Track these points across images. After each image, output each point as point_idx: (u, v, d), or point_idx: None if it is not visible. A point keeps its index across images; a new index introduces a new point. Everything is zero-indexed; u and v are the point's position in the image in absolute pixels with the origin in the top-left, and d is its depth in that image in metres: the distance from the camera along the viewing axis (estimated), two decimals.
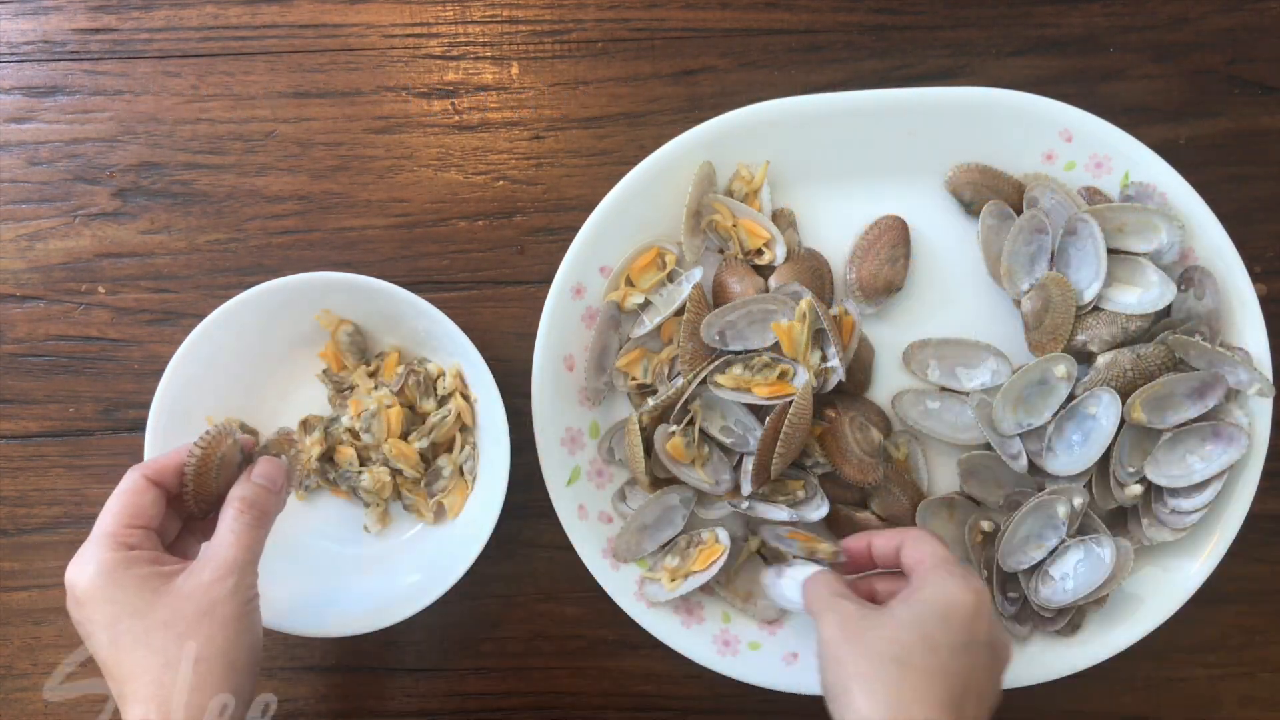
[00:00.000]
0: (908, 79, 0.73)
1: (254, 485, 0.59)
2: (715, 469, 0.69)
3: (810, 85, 0.73)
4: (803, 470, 0.69)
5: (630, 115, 0.74)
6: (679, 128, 0.69)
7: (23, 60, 0.74)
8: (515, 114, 0.74)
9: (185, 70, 0.74)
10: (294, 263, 0.73)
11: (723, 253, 0.71)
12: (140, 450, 0.67)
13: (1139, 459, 0.67)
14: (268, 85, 0.74)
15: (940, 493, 0.70)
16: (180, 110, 0.74)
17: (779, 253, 0.69)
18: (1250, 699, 0.72)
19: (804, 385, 0.65)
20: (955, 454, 0.70)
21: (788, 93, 0.70)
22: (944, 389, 0.70)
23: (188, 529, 0.61)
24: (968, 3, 0.74)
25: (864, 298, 0.70)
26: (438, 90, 0.74)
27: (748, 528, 0.70)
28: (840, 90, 0.69)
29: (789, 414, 0.64)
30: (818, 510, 0.67)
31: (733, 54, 0.74)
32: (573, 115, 0.74)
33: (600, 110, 0.74)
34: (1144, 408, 0.66)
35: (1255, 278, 0.68)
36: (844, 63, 0.73)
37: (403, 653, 0.72)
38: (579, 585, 0.70)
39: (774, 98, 0.69)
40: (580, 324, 0.69)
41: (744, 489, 0.67)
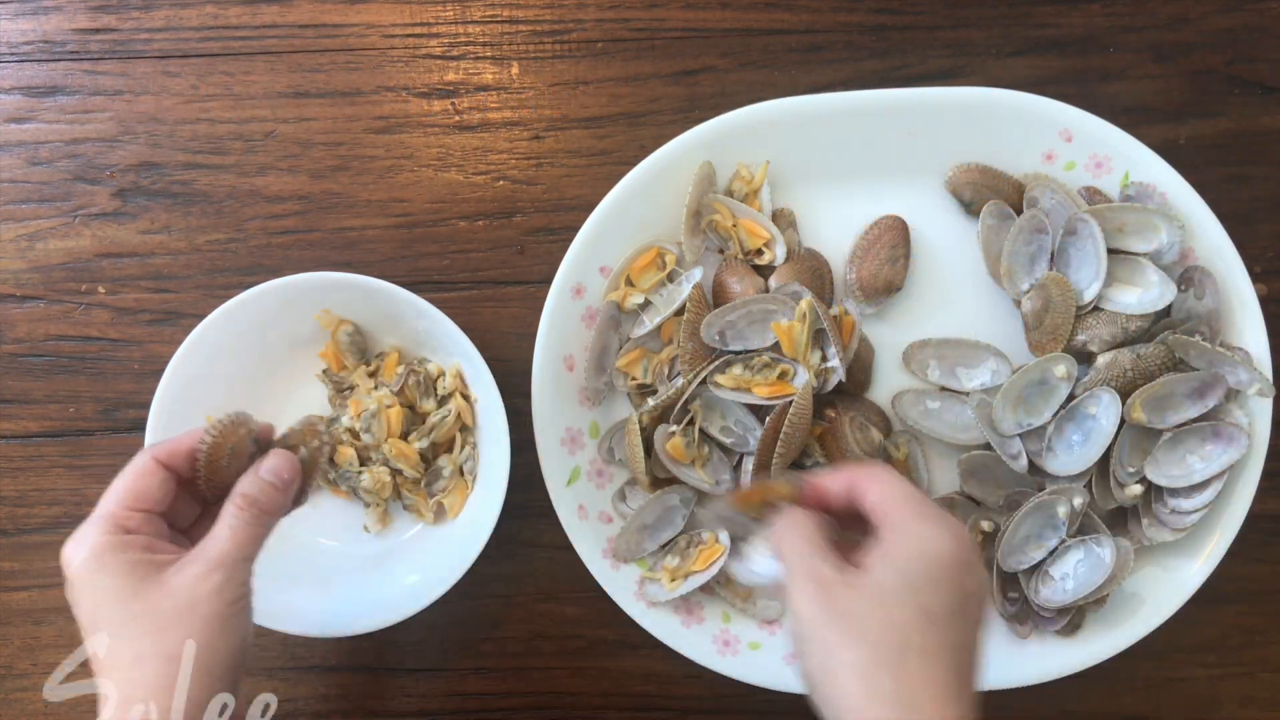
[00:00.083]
0: (908, 79, 0.73)
1: (260, 481, 0.56)
2: (715, 469, 0.69)
3: (810, 85, 0.73)
4: (803, 470, 0.70)
5: (630, 115, 0.74)
6: (679, 128, 0.69)
7: (23, 60, 0.74)
8: (515, 114, 0.74)
9: (185, 70, 0.74)
10: (294, 263, 0.73)
11: (723, 253, 0.71)
12: (140, 450, 0.66)
13: (1139, 459, 0.67)
14: (268, 85, 0.74)
15: (940, 493, 0.70)
16: (180, 110, 0.74)
17: (779, 253, 0.69)
18: (1250, 699, 0.72)
19: (804, 385, 0.65)
20: (955, 454, 0.70)
21: (788, 93, 0.70)
22: (944, 389, 0.70)
23: (207, 513, 0.59)
24: (968, 3, 0.74)
25: (864, 298, 0.70)
26: (438, 90, 0.74)
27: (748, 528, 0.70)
28: (840, 90, 0.69)
29: (789, 414, 0.64)
30: None
31: (733, 54, 0.74)
32: (573, 115, 0.74)
33: (600, 110, 0.74)
34: (1144, 408, 0.66)
35: (1255, 278, 0.68)
36: (844, 63, 0.73)
37: (403, 653, 0.72)
38: (579, 585, 0.70)
39: (774, 98, 0.69)
40: (580, 324, 0.69)
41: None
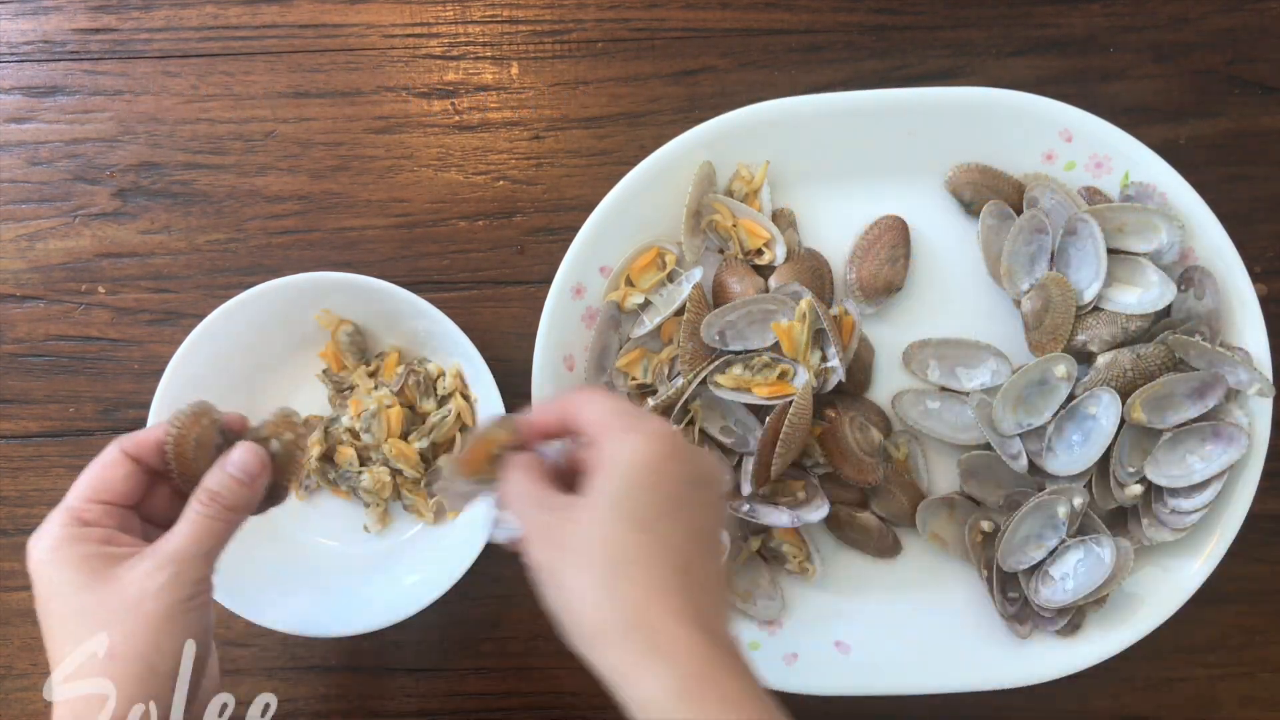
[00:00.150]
0: (908, 79, 0.73)
1: (224, 475, 0.53)
2: None
3: (810, 85, 0.73)
4: (803, 470, 0.69)
5: (630, 115, 0.74)
6: (679, 128, 0.69)
7: (23, 60, 0.74)
8: (515, 114, 0.74)
9: (185, 70, 0.74)
10: (294, 263, 0.73)
11: (723, 253, 0.71)
12: None
13: (1139, 459, 0.67)
14: (268, 85, 0.74)
15: (940, 493, 0.70)
16: (180, 110, 0.74)
17: (779, 253, 0.69)
18: (1250, 699, 0.72)
19: (804, 385, 0.65)
20: (955, 454, 0.70)
21: (788, 93, 0.70)
22: (944, 389, 0.70)
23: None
24: (968, 3, 0.74)
25: (864, 298, 0.70)
26: (438, 90, 0.74)
27: (747, 528, 0.70)
28: (840, 90, 0.69)
29: (789, 414, 0.64)
30: (818, 511, 0.67)
31: (733, 54, 0.73)
32: (573, 115, 0.74)
33: (600, 110, 0.74)
34: (1144, 408, 0.66)
35: (1255, 278, 0.68)
36: (844, 63, 0.73)
37: (403, 653, 0.72)
38: None
39: (774, 98, 0.69)
40: (580, 324, 0.69)
41: (744, 489, 0.67)
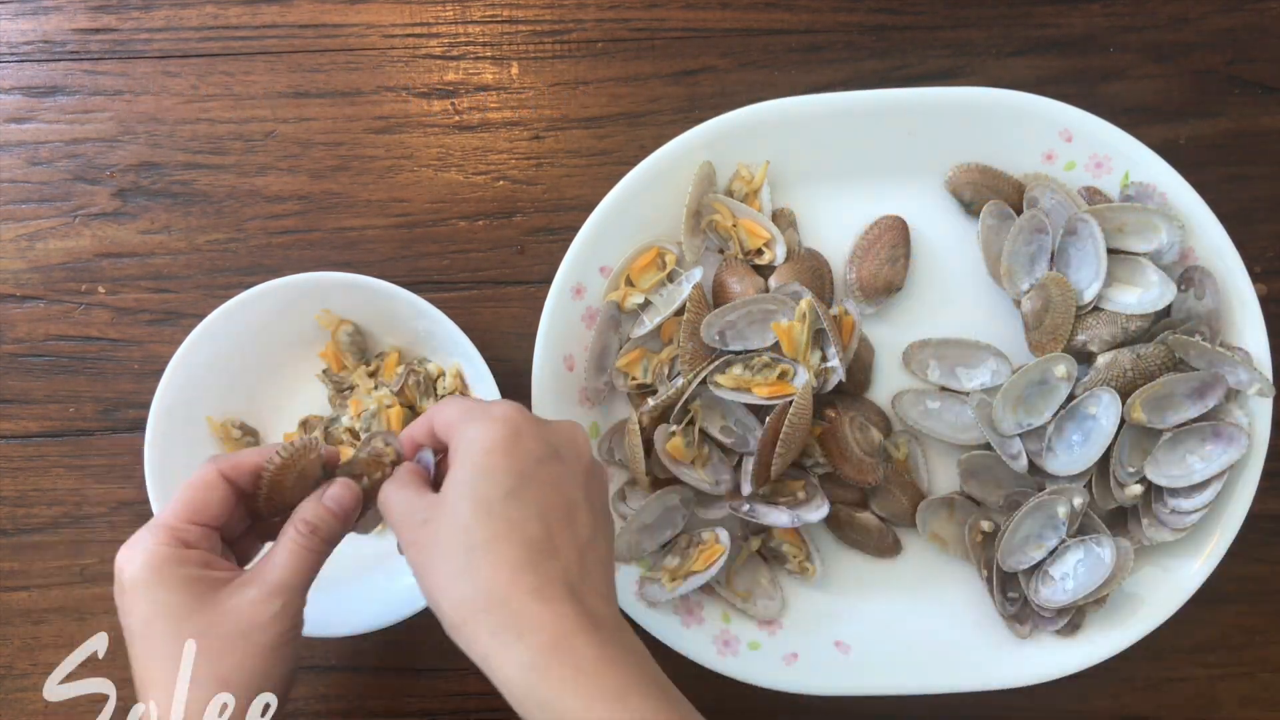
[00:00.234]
0: (908, 79, 0.73)
1: (322, 508, 0.54)
2: (715, 469, 0.69)
3: (810, 85, 0.73)
4: (803, 470, 0.69)
5: (630, 115, 0.74)
6: (679, 128, 0.69)
7: (23, 60, 0.74)
8: (515, 114, 0.74)
9: (185, 70, 0.74)
10: (294, 263, 0.73)
11: (723, 253, 0.71)
12: (140, 450, 0.67)
13: (1139, 459, 0.67)
14: (268, 85, 0.74)
15: (940, 493, 0.70)
16: (180, 110, 0.74)
17: (779, 253, 0.69)
18: (1250, 699, 0.72)
19: (804, 385, 0.65)
20: (955, 454, 0.70)
21: (788, 93, 0.70)
22: (944, 389, 0.70)
23: (253, 528, 0.58)
24: (968, 3, 0.74)
25: (864, 298, 0.70)
26: (438, 90, 0.74)
27: (747, 528, 0.70)
28: (840, 90, 0.69)
29: (789, 414, 0.64)
30: (818, 511, 0.67)
31: (733, 54, 0.74)
32: (573, 115, 0.74)
33: (600, 110, 0.74)
34: (1144, 408, 0.66)
35: (1255, 278, 0.68)
36: (844, 63, 0.73)
37: (403, 653, 0.72)
38: None
39: (774, 98, 0.69)
40: (580, 324, 0.69)
41: (744, 489, 0.67)
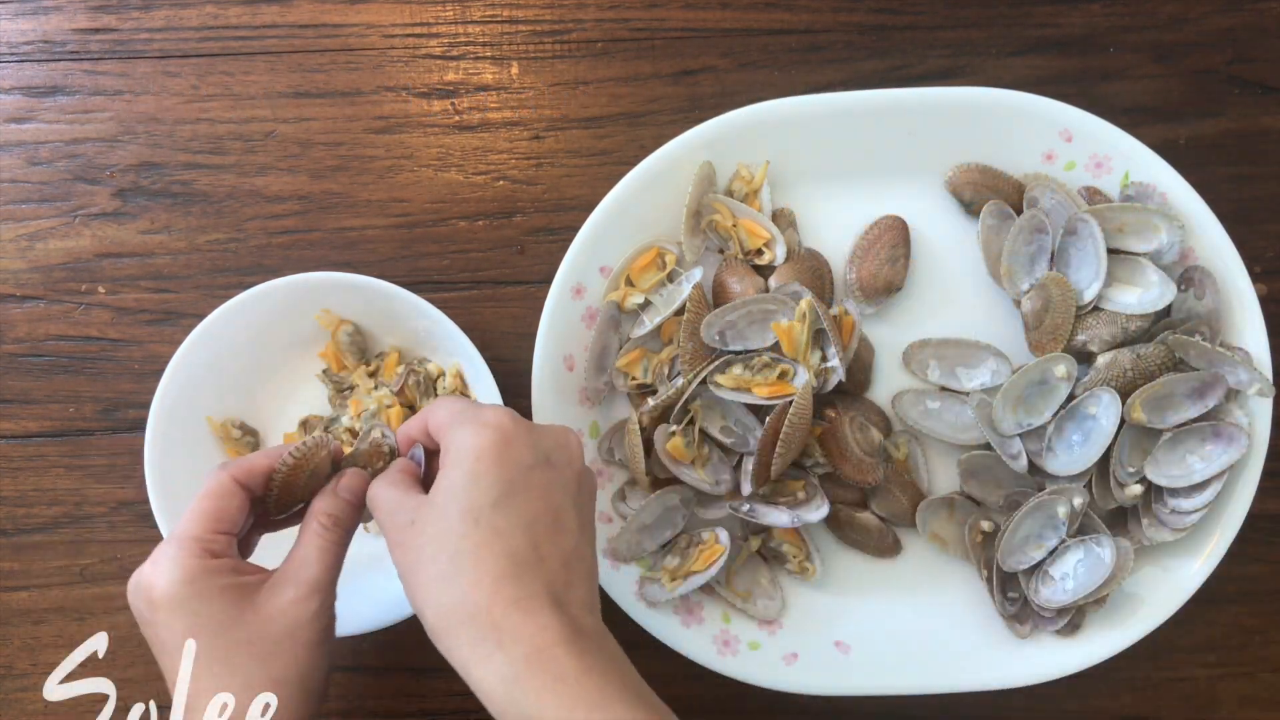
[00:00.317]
0: (908, 79, 0.73)
1: (339, 499, 0.55)
2: (715, 469, 0.69)
3: (810, 85, 0.73)
4: (803, 470, 0.69)
5: (630, 115, 0.74)
6: (679, 128, 0.69)
7: (23, 60, 0.74)
8: (515, 114, 0.74)
9: (185, 70, 0.74)
10: (294, 263, 0.73)
11: (723, 253, 0.71)
12: (140, 450, 0.67)
13: (1139, 459, 0.67)
14: (268, 85, 0.74)
15: (940, 493, 0.70)
16: (180, 110, 0.74)
17: (779, 253, 0.69)
18: (1250, 699, 0.72)
19: (804, 385, 0.65)
20: (955, 454, 0.70)
21: (788, 93, 0.70)
22: (944, 389, 0.70)
23: (257, 527, 0.58)
24: (968, 3, 0.74)
25: (864, 298, 0.70)
26: (438, 90, 0.74)
27: (747, 528, 0.70)
28: (840, 90, 0.69)
29: (789, 414, 0.64)
30: (818, 511, 0.67)
31: (733, 54, 0.74)
32: (573, 115, 0.74)
33: (600, 110, 0.74)
34: (1144, 408, 0.66)
35: (1255, 278, 0.68)
36: (844, 63, 0.73)
37: (403, 653, 0.72)
38: None
39: (774, 98, 0.69)
40: (580, 324, 0.69)
41: (744, 489, 0.67)
